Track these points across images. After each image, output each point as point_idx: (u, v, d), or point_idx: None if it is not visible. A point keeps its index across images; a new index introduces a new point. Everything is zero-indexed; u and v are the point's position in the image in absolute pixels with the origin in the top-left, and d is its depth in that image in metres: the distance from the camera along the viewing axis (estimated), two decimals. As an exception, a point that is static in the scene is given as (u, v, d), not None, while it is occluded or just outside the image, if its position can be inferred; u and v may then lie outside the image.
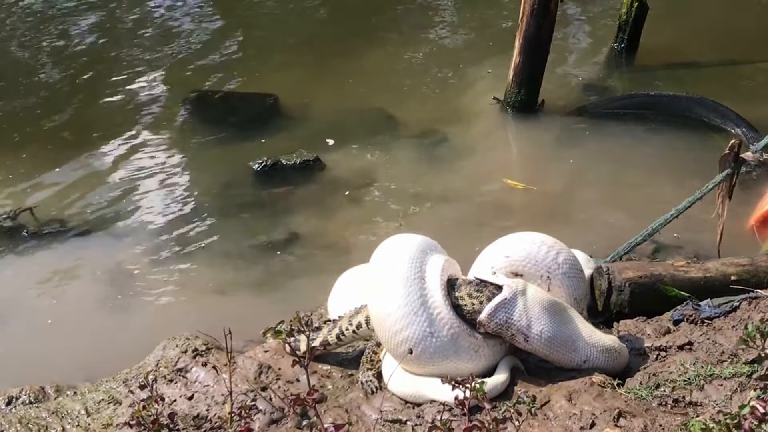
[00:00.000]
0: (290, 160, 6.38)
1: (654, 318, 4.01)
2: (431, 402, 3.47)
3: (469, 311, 3.48)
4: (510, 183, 6.01)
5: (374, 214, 5.88)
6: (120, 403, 3.90)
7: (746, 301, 3.91)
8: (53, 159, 6.71)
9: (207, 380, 3.89)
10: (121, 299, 5.14)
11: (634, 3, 7.59)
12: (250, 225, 5.81)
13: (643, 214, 5.03)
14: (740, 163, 4.66)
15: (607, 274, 4.10)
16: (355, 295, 4.00)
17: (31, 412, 3.94)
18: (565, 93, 7.29)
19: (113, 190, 6.32)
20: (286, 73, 7.96)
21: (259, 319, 4.29)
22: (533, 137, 6.81)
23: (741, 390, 3.27)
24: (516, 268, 3.61)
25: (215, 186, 6.31)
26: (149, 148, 6.86)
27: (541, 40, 6.71)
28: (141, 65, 8.18)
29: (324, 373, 3.93)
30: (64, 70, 8.25)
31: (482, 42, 8.37)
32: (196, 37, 8.78)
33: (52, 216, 5.96)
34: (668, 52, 7.79)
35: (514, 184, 5.99)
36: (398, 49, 8.30)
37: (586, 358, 3.51)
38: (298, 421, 3.49)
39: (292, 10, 9.43)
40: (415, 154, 6.58)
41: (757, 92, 7.07)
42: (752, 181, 5.67)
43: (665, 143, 6.42)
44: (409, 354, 3.44)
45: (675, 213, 4.67)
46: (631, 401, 3.29)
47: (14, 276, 5.46)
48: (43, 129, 7.22)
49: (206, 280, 5.29)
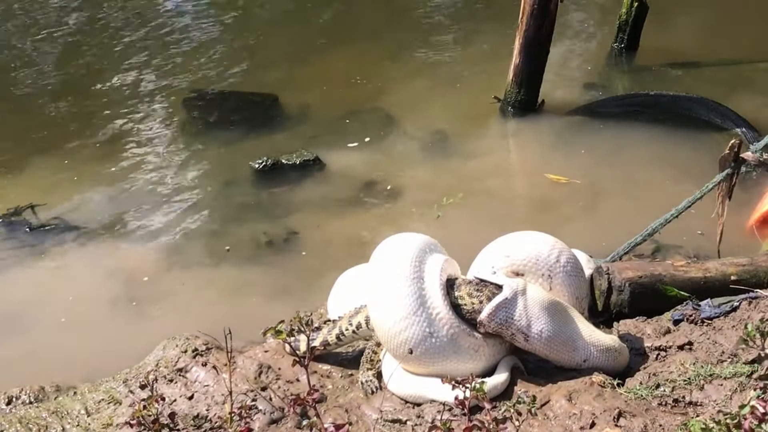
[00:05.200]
0: (290, 159, 6.38)
1: (654, 318, 4.00)
2: (431, 402, 3.47)
3: (468, 311, 3.47)
4: (552, 178, 5.98)
5: (374, 214, 5.88)
6: (120, 403, 3.90)
7: (746, 301, 3.91)
8: (53, 159, 6.72)
9: (207, 380, 3.88)
10: (121, 299, 5.14)
11: (634, 3, 7.59)
12: (250, 225, 5.81)
13: (643, 215, 5.03)
14: (740, 163, 4.66)
15: (607, 274, 4.09)
16: (355, 295, 3.99)
17: (31, 411, 3.94)
18: (565, 93, 7.29)
19: (113, 189, 6.34)
20: (286, 73, 7.97)
21: (259, 319, 4.28)
22: (533, 137, 6.81)
23: (741, 390, 3.27)
24: (517, 268, 3.61)
25: (215, 185, 6.32)
26: (149, 147, 6.86)
27: (541, 40, 6.71)
28: (141, 65, 8.19)
29: (324, 373, 3.92)
30: (64, 70, 8.26)
31: (482, 42, 8.37)
32: (196, 36, 8.78)
33: (52, 214, 5.97)
34: (668, 52, 7.79)
35: (557, 179, 5.96)
36: (398, 48, 8.30)
37: (586, 358, 3.51)
38: (298, 421, 3.49)
39: (293, 10, 9.43)
40: (415, 153, 6.59)
41: (757, 92, 7.07)
42: (752, 181, 5.67)
43: (665, 143, 6.42)
44: (409, 354, 3.44)
45: (675, 213, 4.67)
46: (631, 401, 3.29)
47: (14, 276, 5.46)
48: (42, 129, 7.23)
49: (206, 280, 5.30)
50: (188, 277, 5.34)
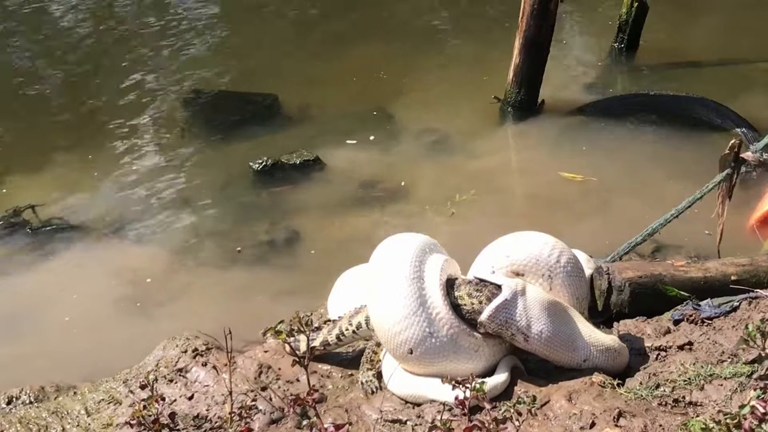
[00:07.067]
0: (290, 159, 6.38)
1: (654, 318, 4.00)
2: (431, 402, 3.47)
3: (468, 311, 3.47)
4: (567, 176, 5.97)
5: (374, 214, 5.87)
6: (120, 403, 3.89)
7: (746, 301, 3.91)
8: (53, 158, 6.73)
9: (207, 380, 3.88)
10: (120, 299, 5.14)
11: (634, 3, 7.59)
12: (250, 225, 5.81)
13: (644, 214, 5.03)
14: (740, 163, 4.66)
15: (607, 274, 4.09)
16: (355, 295, 3.99)
17: (31, 412, 3.94)
18: (565, 93, 7.29)
19: (113, 189, 6.33)
20: (286, 73, 7.96)
21: (259, 319, 4.29)
22: (534, 137, 6.81)
23: (741, 390, 3.27)
24: (517, 268, 3.60)
25: (215, 186, 6.31)
26: (148, 148, 6.86)
27: (541, 40, 6.71)
28: (141, 65, 8.19)
29: (324, 373, 3.92)
30: (64, 71, 8.26)
31: (482, 42, 8.37)
32: (195, 36, 8.78)
33: (52, 215, 5.96)
34: (668, 52, 7.79)
35: (572, 177, 5.95)
36: (398, 49, 8.29)
37: (586, 358, 3.51)
38: (298, 421, 3.49)
39: (293, 10, 9.43)
40: (417, 152, 6.59)
41: (757, 92, 7.07)
42: (752, 181, 5.67)
43: (665, 143, 6.42)
44: (409, 354, 3.44)
45: (675, 213, 4.67)
46: (631, 401, 3.29)
47: (15, 276, 5.46)
48: (42, 129, 7.23)
49: (206, 280, 5.29)
50: (188, 278, 5.34)
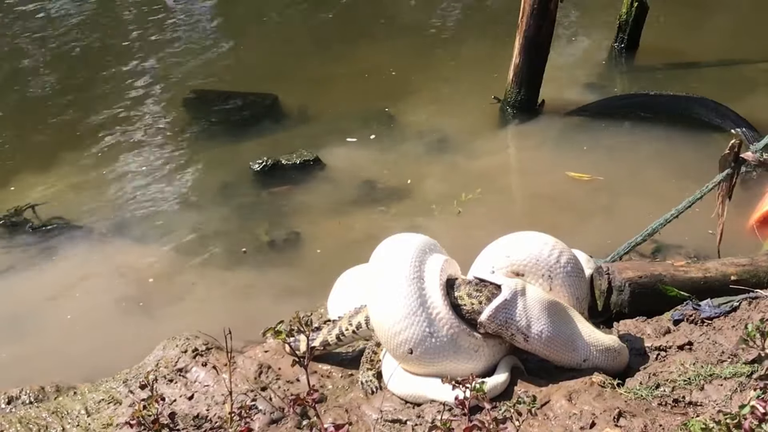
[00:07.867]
0: (290, 160, 6.38)
1: (654, 318, 4.00)
2: (431, 402, 3.47)
3: (468, 311, 3.47)
4: (575, 175, 5.96)
5: (374, 214, 5.88)
6: (120, 403, 3.89)
7: (746, 301, 3.91)
8: (53, 159, 6.73)
9: (207, 380, 3.88)
10: (120, 299, 5.14)
11: (634, 3, 7.60)
12: (250, 225, 5.81)
13: (645, 214, 5.03)
14: (740, 163, 4.66)
15: (607, 274, 4.09)
16: (355, 295, 3.99)
17: (31, 412, 3.94)
18: (566, 93, 7.29)
19: (113, 189, 6.34)
20: (286, 73, 7.96)
21: (259, 319, 4.29)
22: (534, 136, 6.81)
23: (741, 390, 3.27)
24: (517, 268, 3.60)
25: (215, 186, 6.32)
26: (148, 148, 6.87)
27: (541, 40, 6.71)
28: (141, 65, 8.19)
29: (324, 373, 3.92)
30: (64, 70, 8.26)
31: (482, 42, 8.37)
32: (196, 36, 8.78)
33: (53, 214, 5.97)
34: (668, 52, 7.80)
35: (579, 176, 5.94)
36: (398, 49, 8.30)
37: (586, 358, 3.50)
38: (298, 421, 3.49)
39: (293, 10, 9.43)
40: (419, 152, 6.59)
41: (757, 92, 7.07)
42: (752, 181, 5.67)
43: (665, 143, 6.43)
44: (409, 354, 3.44)
45: (675, 213, 4.67)
46: (631, 401, 3.29)
47: (16, 276, 5.47)
48: (42, 129, 7.23)
49: (206, 280, 5.30)
50: (188, 278, 5.34)
